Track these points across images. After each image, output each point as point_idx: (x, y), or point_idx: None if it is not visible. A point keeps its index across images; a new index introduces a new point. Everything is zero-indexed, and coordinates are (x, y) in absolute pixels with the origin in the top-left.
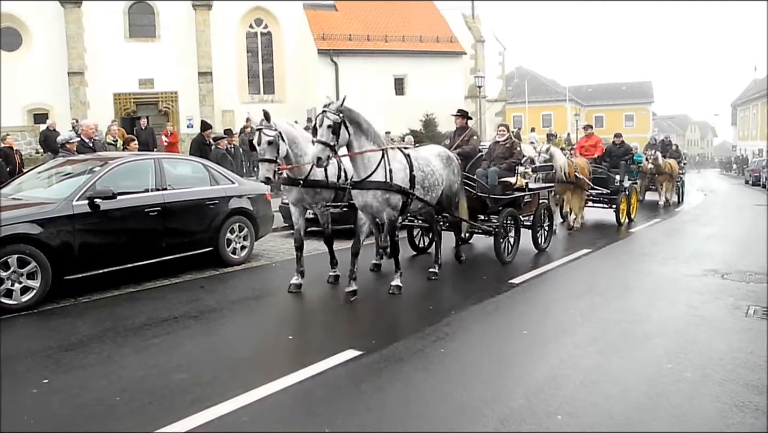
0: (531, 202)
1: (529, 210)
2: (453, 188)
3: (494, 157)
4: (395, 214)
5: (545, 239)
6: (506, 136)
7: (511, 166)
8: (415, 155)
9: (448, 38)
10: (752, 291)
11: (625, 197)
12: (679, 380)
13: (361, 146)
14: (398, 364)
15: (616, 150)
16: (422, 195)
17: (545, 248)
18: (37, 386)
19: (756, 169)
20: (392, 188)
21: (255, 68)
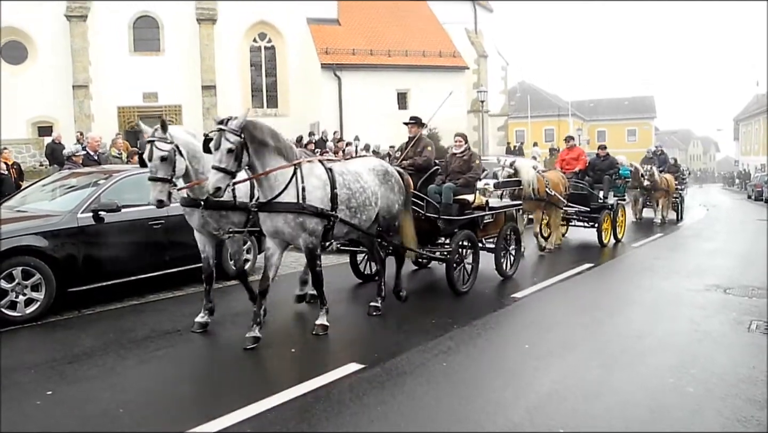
0: (494, 222)
1: (492, 232)
2: (392, 209)
3: (450, 172)
4: (314, 240)
5: (511, 264)
6: (463, 147)
7: (469, 182)
8: (340, 169)
9: (451, 53)
10: (755, 306)
11: (609, 215)
12: (681, 395)
13: (265, 165)
14: (401, 377)
15: (599, 163)
16: (348, 217)
17: (511, 275)
18: (41, 398)
19: (759, 184)
20: (306, 210)
21: (258, 82)
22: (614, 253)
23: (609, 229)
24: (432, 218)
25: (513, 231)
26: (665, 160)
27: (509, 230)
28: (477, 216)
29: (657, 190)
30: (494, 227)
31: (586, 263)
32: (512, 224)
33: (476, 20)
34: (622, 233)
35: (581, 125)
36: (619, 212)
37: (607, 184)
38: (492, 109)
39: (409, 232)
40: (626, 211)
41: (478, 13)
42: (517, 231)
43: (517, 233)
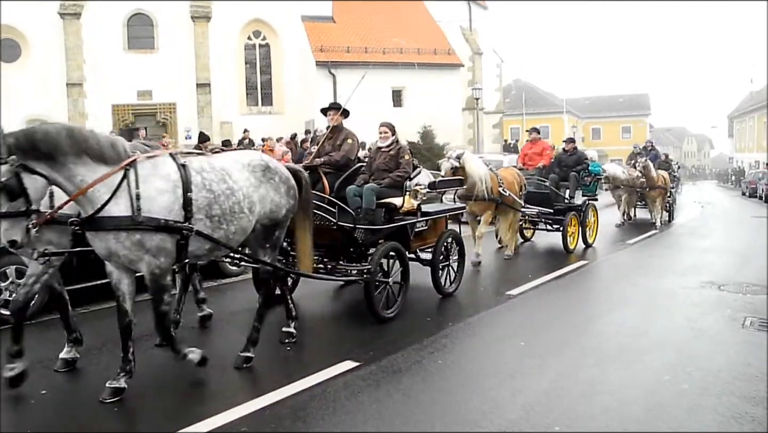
0: (430, 230)
1: (429, 241)
2: (277, 214)
3: (375, 170)
4: (161, 263)
5: (453, 279)
6: (390, 140)
7: (397, 182)
8: (200, 166)
9: (446, 51)
10: (749, 303)
11: (576, 218)
12: (677, 393)
13: (73, 178)
14: (396, 375)
15: (566, 159)
16: (209, 229)
17: (452, 292)
18: (35, 397)
19: (753, 181)
20: (142, 225)
21: (253, 80)
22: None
23: (576, 233)
24: (346, 228)
25: (454, 240)
26: (656, 156)
27: (449, 238)
28: (405, 224)
29: (653, 189)
30: (431, 236)
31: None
32: (453, 232)
33: (471, 18)
34: (593, 236)
35: (576, 123)
36: (589, 214)
37: (574, 182)
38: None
39: (306, 247)
40: (597, 212)
41: (473, 11)
42: (459, 240)
43: (459, 242)
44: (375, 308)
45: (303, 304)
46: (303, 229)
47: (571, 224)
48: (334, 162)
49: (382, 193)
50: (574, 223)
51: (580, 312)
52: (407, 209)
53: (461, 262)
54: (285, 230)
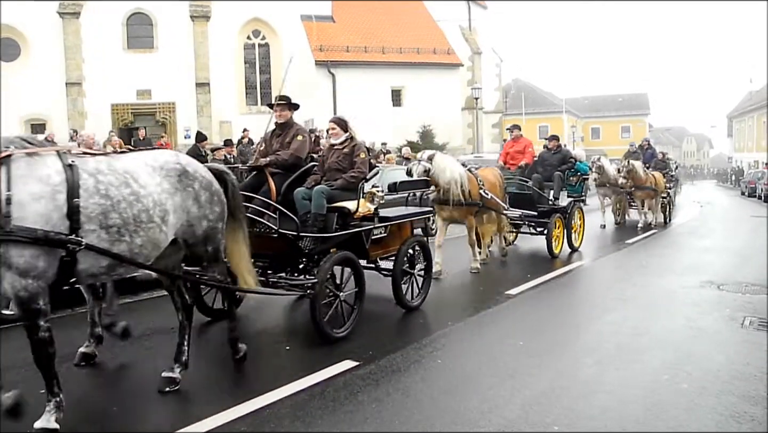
0: (394, 237)
1: (391, 248)
2: (196, 230)
3: (327, 170)
4: (30, 285)
5: (418, 292)
6: (343, 136)
7: (351, 184)
8: (96, 167)
9: (446, 50)
10: (748, 302)
11: (561, 220)
12: (676, 392)
13: None
14: (396, 374)
15: (549, 157)
16: (106, 243)
17: (417, 306)
18: (33, 397)
19: (752, 181)
20: (12, 235)
21: (253, 79)
22: (609, 250)
23: (561, 236)
24: (289, 236)
25: (420, 247)
26: (652, 155)
27: (414, 246)
28: (358, 231)
29: (641, 190)
30: (394, 243)
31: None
32: (418, 239)
33: (470, 17)
34: (579, 240)
35: (575, 122)
36: (576, 216)
37: (558, 183)
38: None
39: (242, 261)
40: (584, 214)
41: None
42: (425, 247)
43: (425, 250)
44: (321, 327)
45: (301, 303)
46: (235, 239)
47: (555, 226)
48: (281, 162)
49: (335, 197)
50: (558, 226)
51: (580, 312)
52: (363, 214)
53: (428, 272)
54: (220, 242)
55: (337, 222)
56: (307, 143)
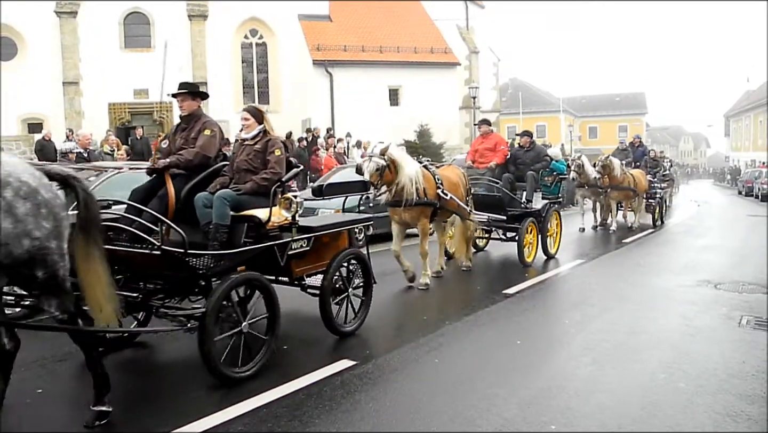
0: (327, 249)
1: (321, 263)
2: (13, 249)
3: (235, 170)
4: None
5: (354, 316)
6: (256, 130)
7: (262, 187)
8: None
9: (443, 49)
10: (745, 301)
11: (534, 225)
12: (673, 391)
13: None
14: (393, 374)
15: (522, 155)
16: None
17: (352, 331)
18: (31, 397)
19: (749, 180)
20: None
21: (250, 79)
22: (605, 249)
23: (535, 242)
24: (176, 254)
25: (357, 261)
26: (643, 153)
27: (349, 260)
28: (270, 245)
29: (617, 190)
30: (325, 256)
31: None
32: (354, 252)
33: (468, 17)
34: (555, 246)
35: (573, 121)
36: (551, 220)
37: (532, 183)
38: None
39: (97, 286)
40: (561, 218)
41: (470, 10)
42: (363, 261)
43: (364, 264)
44: (213, 364)
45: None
46: (87, 259)
47: (528, 232)
48: (184, 162)
49: (243, 203)
50: (531, 231)
51: (577, 311)
52: (279, 224)
53: (368, 290)
54: (60, 266)
55: (248, 234)
56: (216, 139)
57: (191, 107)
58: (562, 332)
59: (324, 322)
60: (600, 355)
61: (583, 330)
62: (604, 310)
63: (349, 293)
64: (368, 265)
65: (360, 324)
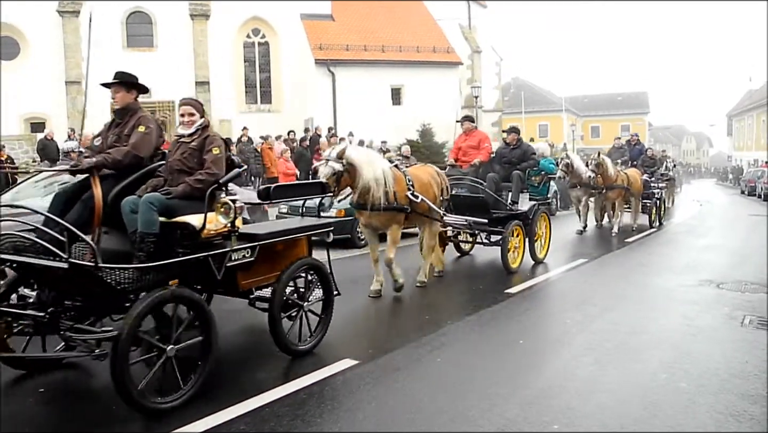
0: (270, 260)
1: (269, 276)
2: None
3: (171, 170)
4: None
5: (311, 333)
6: (196, 125)
7: (197, 190)
8: None
9: (445, 48)
10: (747, 301)
11: (520, 228)
12: (675, 391)
13: None
14: (395, 373)
15: (508, 153)
16: None
17: (307, 350)
18: (33, 396)
19: (752, 180)
20: None
21: (252, 78)
22: (608, 248)
23: (521, 247)
24: (86, 268)
25: (314, 272)
26: (641, 151)
27: (304, 271)
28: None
29: (611, 189)
30: (275, 268)
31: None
32: (310, 262)
33: (470, 16)
34: (544, 250)
35: (575, 121)
36: (539, 222)
37: (518, 183)
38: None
39: None
40: (550, 220)
41: (472, 9)
42: (321, 272)
43: (322, 275)
44: (127, 394)
45: None
46: None
47: (513, 235)
48: (112, 162)
49: (174, 208)
50: (517, 234)
51: (578, 310)
52: (218, 232)
53: (327, 304)
54: None
55: (183, 244)
56: (152, 136)
57: (125, 100)
58: (563, 331)
59: (274, 340)
60: (601, 355)
61: (585, 330)
62: (606, 310)
63: (304, 308)
64: (328, 276)
65: (317, 342)
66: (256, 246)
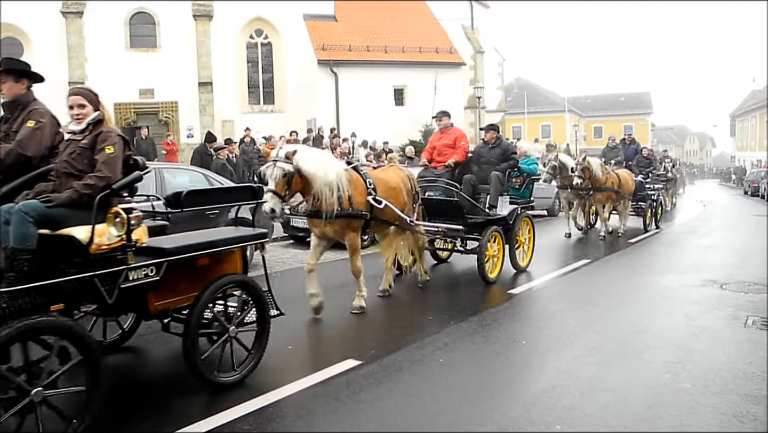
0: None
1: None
2: None
3: (57, 173)
4: None
5: (239, 364)
6: (88, 119)
7: (84, 196)
8: None
9: (448, 49)
10: (751, 301)
11: (499, 234)
12: (678, 391)
13: None
14: (398, 374)
15: (486, 153)
16: None
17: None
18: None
19: (755, 180)
20: None
21: (255, 78)
22: (611, 249)
23: (500, 255)
24: None
25: (244, 290)
26: (636, 150)
27: (228, 289)
28: (90, 276)
29: (600, 192)
30: (193, 287)
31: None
32: (236, 279)
33: (473, 16)
34: (527, 258)
35: (578, 121)
36: (522, 228)
37: (496, 185)
38: (489, 106)
39: None
40: (533, 225)
41: (475, 10)
42: (252, 290)
43: (254, 294)
44: None
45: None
46: None
47: (492, 241)
48: None
49: (59, 219)
50: (496, 241)
51: (582, 310)
52: (110, 246)
53: (261, 330)
54: None
55: (71, 261)
56: (44, 131)
57: (13, 91)
58: (566, 332)
59: (191, 374)
60: (604, 355)
61: (588, 330)
62: (609, 310)
63: (231, 333)
64: (262, 296)
65: (246, 374)
66: (162, 263)
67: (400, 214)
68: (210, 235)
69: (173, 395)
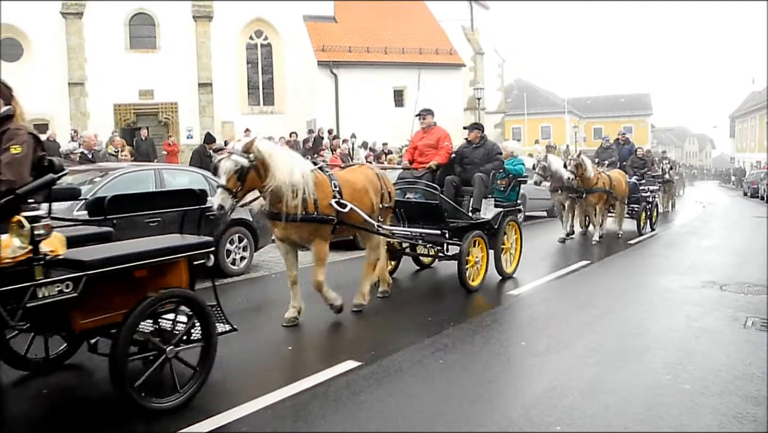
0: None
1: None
2: None
3: None
4: None
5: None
6: None
7: None
8: None
9: (448, 50)
10: (750, 303)
11: (482, 239)
12: (678, 392)
13: None
14: (398, 375)
15: (470, 153)
16: None
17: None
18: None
19: (754, 181)
20: None
21: (255, 79)
22: (610, 250)
23: (484, 260)
24: None
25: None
26: (630, 150)
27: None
28: None
29: (591, 193)
30: (127, 303)
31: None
32: (177, 293)
33: (473, 18)
34: (513, 264)
35: (577, 122)
36: (506, 232)
37: (480, 187)
38: (488, 107)
39: None
40: (520, 229)
41: (475, 11)
42: (197, 306)
43: (196, 308)
44: None
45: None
46: None
47: (475, 246)
48: None
49: None
50: (479, 246)
51: (582, 312)
52: (15, 260)
53: (206, 350)
54: None
55: None
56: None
57: None
58: (566, 333)
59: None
60: (605, 356)
61: (588, 331)
62: (609, 311)
63: (168, 354)
64: (207, 313)
65: (190, 396)
66: (80, 277)
67: (366, 218)
68: (146, 244)
69: None
